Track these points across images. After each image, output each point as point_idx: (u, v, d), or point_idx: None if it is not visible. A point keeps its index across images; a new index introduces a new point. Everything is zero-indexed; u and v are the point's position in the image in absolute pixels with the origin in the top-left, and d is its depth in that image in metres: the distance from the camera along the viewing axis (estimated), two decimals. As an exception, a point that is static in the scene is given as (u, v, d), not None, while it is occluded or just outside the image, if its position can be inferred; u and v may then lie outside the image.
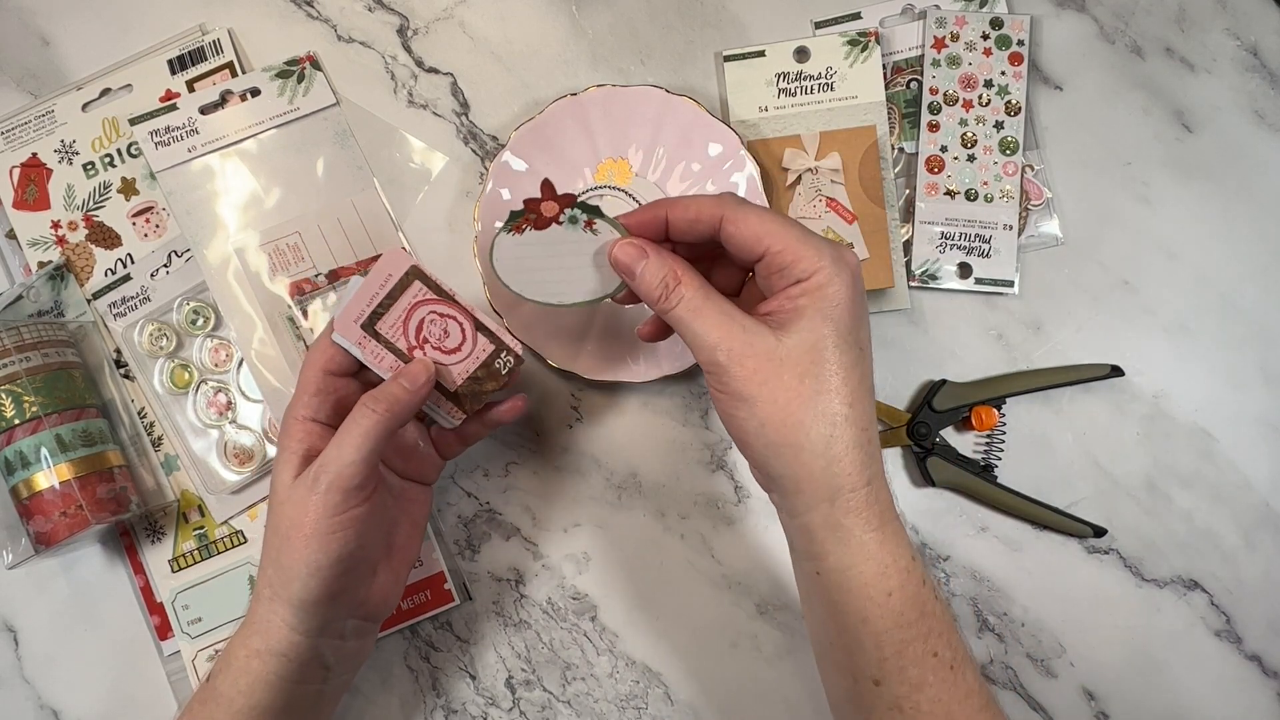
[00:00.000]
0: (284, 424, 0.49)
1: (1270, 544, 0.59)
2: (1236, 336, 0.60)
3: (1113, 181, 0.61)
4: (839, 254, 0.43)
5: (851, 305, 0.43)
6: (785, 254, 0.43)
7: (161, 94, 0.62)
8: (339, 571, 0.46)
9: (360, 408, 0.47)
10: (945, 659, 0.43)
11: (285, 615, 0.47)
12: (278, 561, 0.46)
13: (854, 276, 0.43)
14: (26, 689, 0.60)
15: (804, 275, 0.43)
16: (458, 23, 0.63)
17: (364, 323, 0.49)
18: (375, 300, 0.50)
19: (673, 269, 0.45)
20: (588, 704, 0.59)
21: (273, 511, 0.47)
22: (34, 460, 0.54)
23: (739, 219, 0.44)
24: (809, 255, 0.43)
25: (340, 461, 0.45)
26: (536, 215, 0.48)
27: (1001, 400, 0.59)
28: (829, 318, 0.42)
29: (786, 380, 0.42)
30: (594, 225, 0.48)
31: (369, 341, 0.50)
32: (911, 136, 0.62)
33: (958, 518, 0.60)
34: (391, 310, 0.50)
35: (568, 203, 0.48)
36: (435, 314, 0.50)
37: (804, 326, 0.42)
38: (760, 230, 0.43)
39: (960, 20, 0.61)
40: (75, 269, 0.61)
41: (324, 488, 0.45)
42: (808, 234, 0.44)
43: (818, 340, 0.42)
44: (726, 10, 0.63)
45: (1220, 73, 0.62)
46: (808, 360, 0.42)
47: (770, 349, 0.42)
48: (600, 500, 0.60)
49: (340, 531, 0.46)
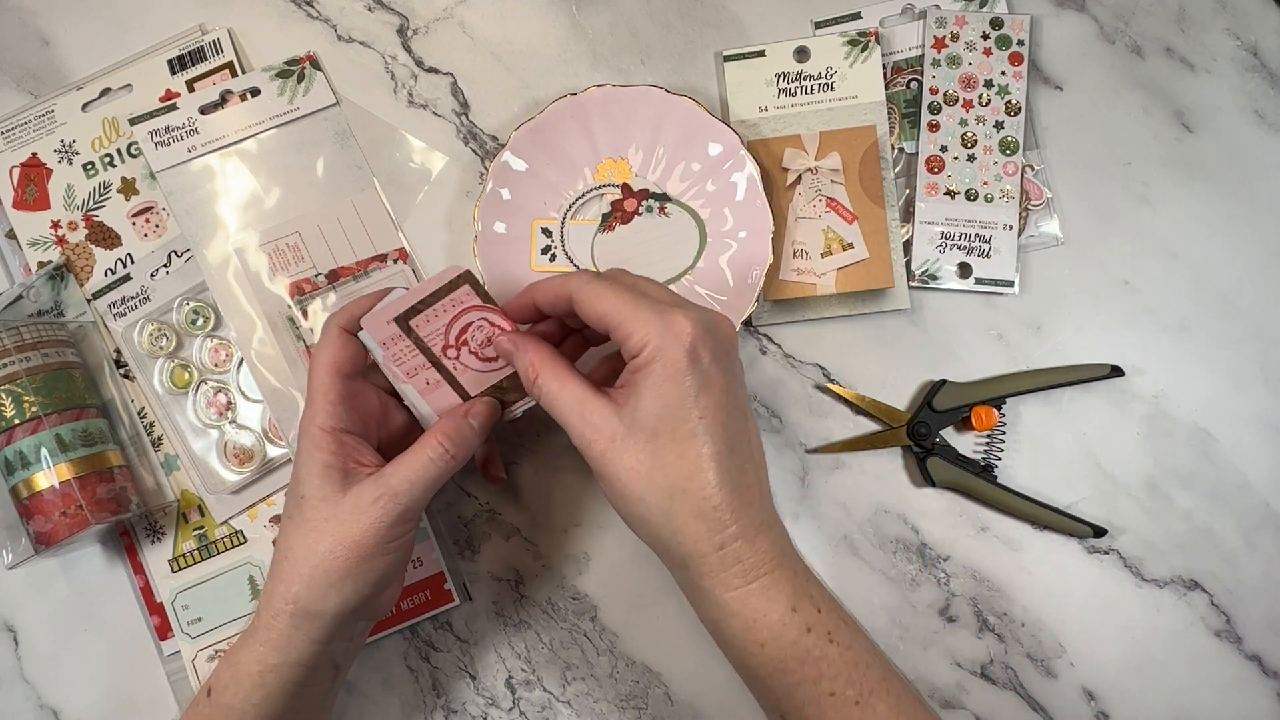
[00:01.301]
0: (307, 434, 0.48)
1: (1270, 544, 0.59)
2: (1236, 336, 0.60)
3: (1113, 181, 0.61)
4: (668, 325, 0.43)
5: (679, 378, 0.43)
6: (620, 329, 0.44)
7: (161, 94, 0.62)
8: (380, 588, 0.48)
9: (434, 444, 0.47)
10: (846, 697, 0.44)
11: (311, 629, 0.47)
12: (311, 576, 0.46)
13: (687, 346, 0.43)
14: (26, 689, 0.60)
15: (635, 351, 0.44)
16: (458, 23, 0.63)
17: (399, 317, 0.49)
18: (418, 296, 0.49)
19: (532, 362, 0.47)
20: (588, 704, 0.59)
21: (311, 525, 0.47)
22: (34, 460, 0.54)
23: (583, 300, 0.46)
24: (637, 330, 0.44)
25: (411, 495, 0.46)
26: (621, 212, 0.54)
27: (1001, 400, 0.59)
28: (658, 393, 0.43)
29: (627, 460, 0.44)
30: (666, 210, 0.58)
31: (398, 341, 0.49)
32: (911, 136, 0.62)
33: (958, 518, 0.60)
34: (433, 309, 0.49)
35: (643, 196, 0.57)
36: (484, 321, 0.50)
37: (639, 405, 0.44)
38: (600, 309, 0.45)
39: (960, 20, 0.61)
40: (75, 269, 0.61)
41: (386, 514, 0.46)
42: (640, 304, 0.44)
43: (648, 418, 0.43)
44: (726, 10, 0.63)
45: (1220, 73, 0.62)
46: (643, 438, 0.44)
47: (612, 431, 0.44)
48: (600, 500, 0.60)
49: (393, 553, 0.47)
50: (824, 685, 0.44)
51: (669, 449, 0.43)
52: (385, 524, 0.46)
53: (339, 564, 0.46)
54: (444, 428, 0.48)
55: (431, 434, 0.48)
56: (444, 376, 0.51)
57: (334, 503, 0.46)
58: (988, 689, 0.59)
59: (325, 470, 0.47)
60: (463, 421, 0.49)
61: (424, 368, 0.50)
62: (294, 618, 0.46)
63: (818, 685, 0.44)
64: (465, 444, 0.48)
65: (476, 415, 0.50)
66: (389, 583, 0.49)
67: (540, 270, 0.60)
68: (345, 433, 0.48)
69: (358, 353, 0.50)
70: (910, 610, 0.59)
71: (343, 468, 0.47)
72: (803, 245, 0.60)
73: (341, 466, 0.47)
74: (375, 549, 0.46)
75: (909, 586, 0.59)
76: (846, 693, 0.44)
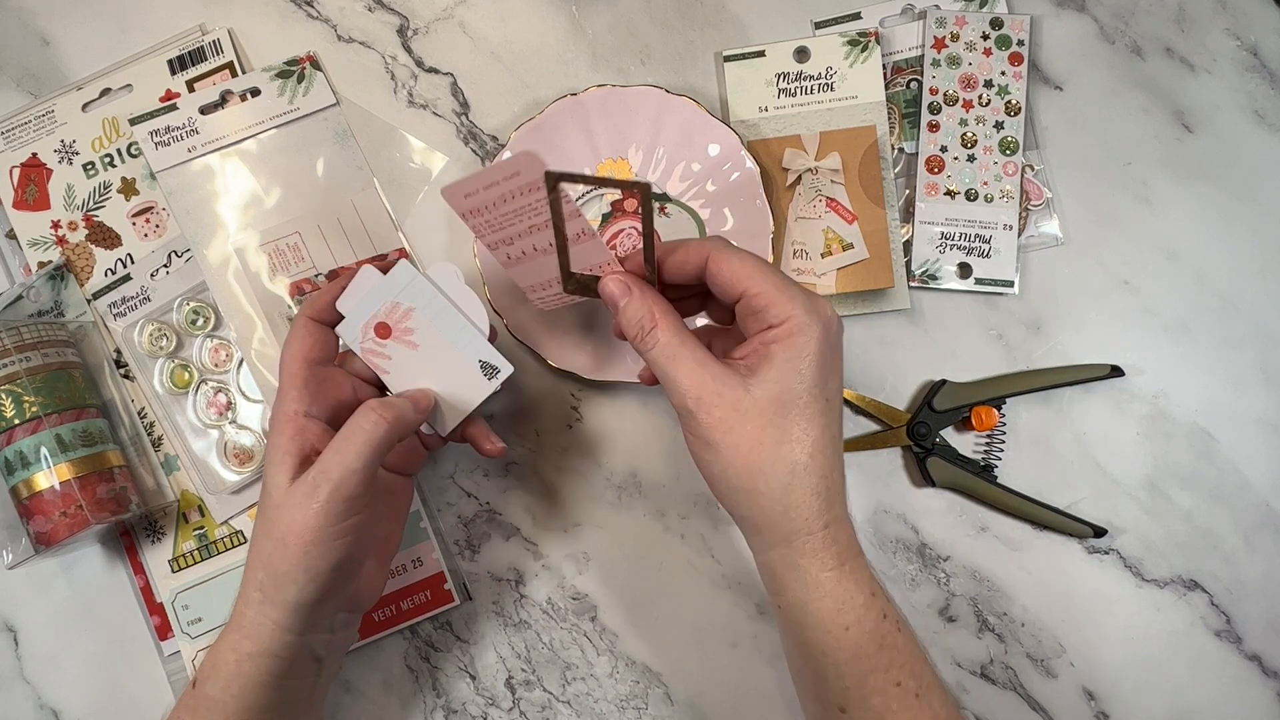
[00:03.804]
0: (274, 421, 0.48)
1: (1270, 544, 0.59)
2: (1236, 336, 0.60)
3: (1113, 181, 0.61)
4: (813, 304, 0.44)
5: (820, 356, 0.44)
6: (761, 297, 0.44)
7: (161, 94, 0.62)
8: (337, 576, 0.46)
9: (366, 413, 0.46)
10: (909, 688, 0.44)
11: (277, 618, 0.46)
12: (271, 566, 0.46)
13: (826, 328, 0.44)
14: (26, 689, 0.60)
15: (777, 320, 0.44)
16: (458, 23, 0.63)
17: (558, 174, 0.43)
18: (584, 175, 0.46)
19: (650, 311, 0.46)
20: (588, 704, 0.59)
21: (266, 515, 0.47)
22: (34, 460, 0.54)
23: (722, 260, 0.45)
24: (783, 301, 0.44)
25: (344, 469, 0.45)
26: (622, 212, 0.53)
27: (1001, 400, 0.59)
28: (796, 367, 0.43)
29: (750, 429, 0.43)
30: (665, 210, 0.58)
31: (497, 206, 0.46)
32: (911, 136, 0.62)
33: (958, 518, 0.60)
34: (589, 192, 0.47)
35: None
36: (632, 230, 0.49)
37: (771, 376, 0.43)
38: (741, 272, 0.45)
39: (960, 20, 0.61)
40: (75, 269, 0.61)
41: (325, 496, 0.45)
42: (787, 282, 0.45)
43: (783, 391, 0.43)
44: (726, 10, 0.63)
45: (1220, 73, 0.62)
46: (772, 410, 0.43)
47: (737, 399, 0.43)
48: (600, 500, 0.60)
49: (341, 539, 0.46)
50: (893, 674, 0.44)
51: (798, 423, 0.43)
52: (323, 505, 0.45)
53: (289, 552, 0.45)
54: (372, 402, 0.47)
55: (360, 409, 0.47)
56: (559, 244, 0.46)
57: (285, 491, 0.46)
58: (988, 689, 0.59)
59: (283, 457, 0.47)
60: (399, 399, 0.48)
61: (510, 242, 0.47)
62: (261, 606, 0.46)
63: (888, 674, 0.44)
64: (399, 412, 0.47)
65: (413, 398, 0.49)
66: (352, 570, 0.48)
67: None
68: (310, 418, 0.48)
69: (327, 341, 0.50)
70: (910, 610, 0.59)
71: (300, 454, 0.47)
72: (803, 245, 0.60)
73: (299, 453, 0.47)
74: (320, 533, 0.45)
75: (909, 586, 0.59)
76: (909, 684, 0.45)
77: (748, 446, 0.43)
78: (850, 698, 0.44)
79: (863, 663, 0.44)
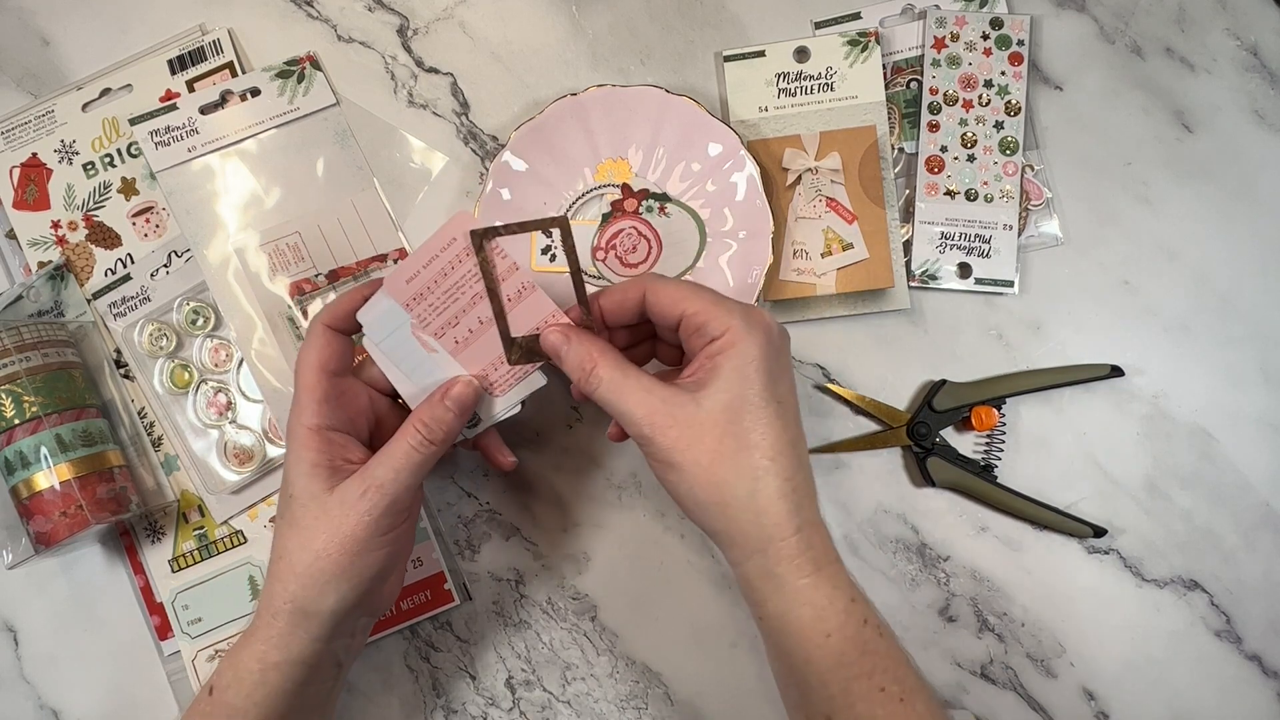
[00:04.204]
0: (294, 433, 0.48)
1: (1270, 544, 0.59)
2: (1236, 336, 0.60)
3: (1113, 181, 0.61)
4: (750, 314, 0.46)
5: (765, 360, 0.45)
6: (699, 315, 0.46)
7: (161, 94, 0.62)
8: (377, 584, 0.48)
9: (413, 431, 0.47)
10: (893, 693, 0.45)
11: (311, 627, 0.46)
12: (308, 575, 0.46)
13: (767, 333, 0.45)
14: (26, 689, 0.60)
15: (717, 333, 0.45)
16: (458, 23, 0.63)
17: (481, 231, 0.46)
18: (504, 223, 0.47)
19: (589, 353, 0.47)
20: (588, 704, 0.59)
21: (300, 526, 0.46)
22: (34, 460, 0.54)
23: (657, 288, 0.47)
24: (721, 315, 0.45)
25: (397, 485, 0.46)
26: (622, 212, 0.56)
27: (1001, 400, 0.59)
28: (743, 374, 0.44)
29: (708, 442, 0.44)
30: (665, 210, 0.59)
31: (425, 297, 0.48)
32: (911, 136, 0.62)
33: (958, 518, 0.60)
34: (513, 238, 0.47)
35: (643, 196, 0.59)
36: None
37: (720, 386, 0.44)
38: (676, 295, 0.47)
39: (960, 20, 0.61)
40: (75, 269, 0.61)
41: (374, 507, 0.46)
42: (722, 298, 0.46)
43: (733, 399, 0.44)
44: (726, 10, 0.63)
45: (1220, 73, 0.62)
46: (725, 420, 0.44)
47: (690, 415, 0.44)
48: (600, 500, 0.60)
49: (384, 548, 0.47)
50: (876, 680, 0.44)
51: (754, 428, 0.44)
52: (374, 517, 0.46)
53: (333, 562, 0.46)
54: (420, 414, 0.48)
55: (409, 422, 0.48)
56: (496, 311, 0.48)
57: (322, 501, 0.46)
58: (988, 689, 0.59)
59: (312, 469, 0.47)
60: (439, 405, 0.48)
61: (454, 323, 0.49)
62: (293, 616, 0.46)
63: (871, 679, 0.44)
64: (443, 426, 0.48)
65: (453, 398, 0.49)
66: (386, 577, 0.49)
67: (540, 270, 0.60)
68: (332, 430, 0.48)
69: (345, 350, 0.50)
70: (910, 610, 0.59)
71: (330, 465, 0.47)
72: (803, 245, 0.60)
73: (329, 464, 0.47)
74: (367, 544, 0.46)
75: (909, 586, 0.59)
76: (893, 689, 0.45)
77: (708, 460, 0.44)
78: (835, 705, 0.45)
79: (846, 669, 0.44)
